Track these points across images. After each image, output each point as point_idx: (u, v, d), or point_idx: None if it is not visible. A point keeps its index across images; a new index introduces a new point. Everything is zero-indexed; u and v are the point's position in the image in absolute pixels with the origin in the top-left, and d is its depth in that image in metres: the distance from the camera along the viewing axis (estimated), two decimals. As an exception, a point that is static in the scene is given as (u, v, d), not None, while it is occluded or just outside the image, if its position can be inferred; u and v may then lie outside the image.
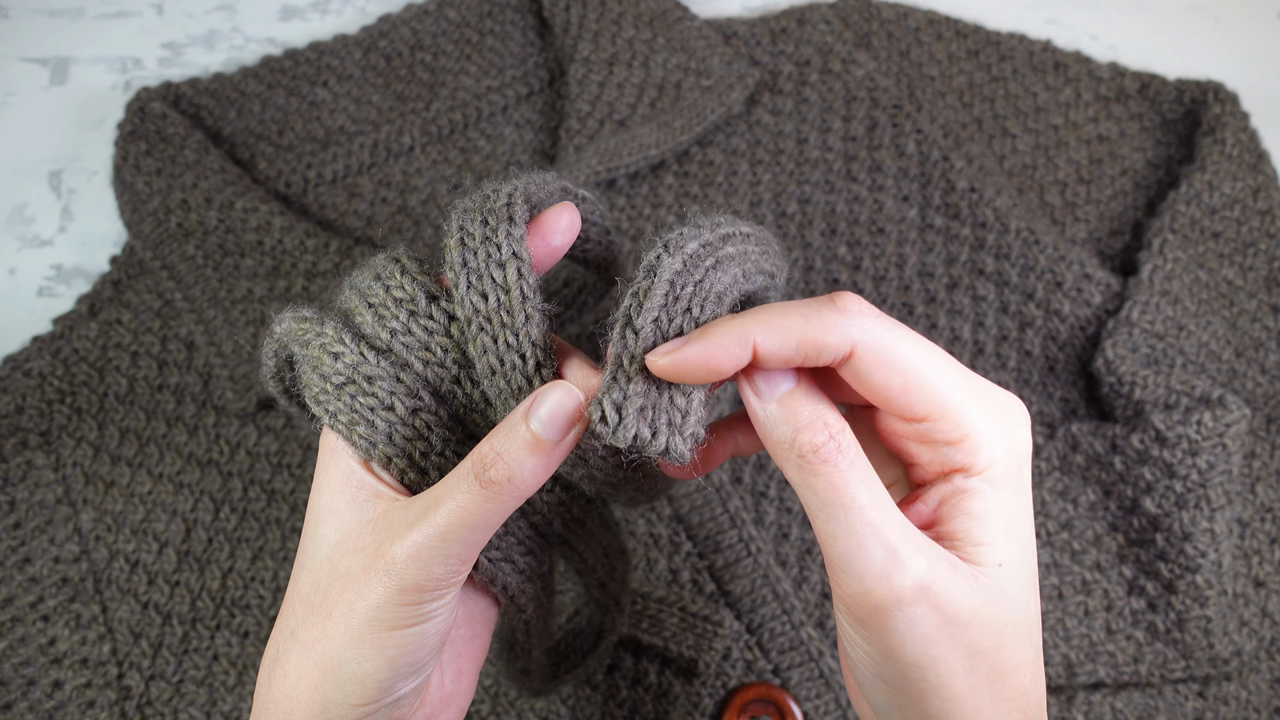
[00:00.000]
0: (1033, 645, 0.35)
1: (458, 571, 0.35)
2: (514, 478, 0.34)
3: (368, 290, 0.38)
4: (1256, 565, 0.62)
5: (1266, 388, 0.67)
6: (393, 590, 0.34)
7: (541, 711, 0.59)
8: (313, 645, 0.36)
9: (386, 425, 0.37)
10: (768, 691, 0.59)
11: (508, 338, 0.36)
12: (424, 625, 0.35)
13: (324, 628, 0.36)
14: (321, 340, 0.38)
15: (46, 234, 0.73)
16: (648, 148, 0.69)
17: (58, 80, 0.78)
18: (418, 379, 0.37)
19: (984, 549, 0.34)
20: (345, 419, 0.37)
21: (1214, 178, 0.69)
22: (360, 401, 0.37)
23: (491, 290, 0.37)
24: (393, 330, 0.37)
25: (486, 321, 0.37)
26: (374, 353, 0.37)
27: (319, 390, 0.37)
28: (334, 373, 0.37)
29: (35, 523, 0.63)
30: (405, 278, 0.38)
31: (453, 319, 0.38)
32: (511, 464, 0.34)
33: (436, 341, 0.37)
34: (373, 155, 0.74)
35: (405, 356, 0.37)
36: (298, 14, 0.81)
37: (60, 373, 0.66)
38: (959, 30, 0.77)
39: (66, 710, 0.59)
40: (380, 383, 0.37)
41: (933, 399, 0.34)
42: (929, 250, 0.69)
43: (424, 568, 0.34)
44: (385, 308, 0.38)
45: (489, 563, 0.39)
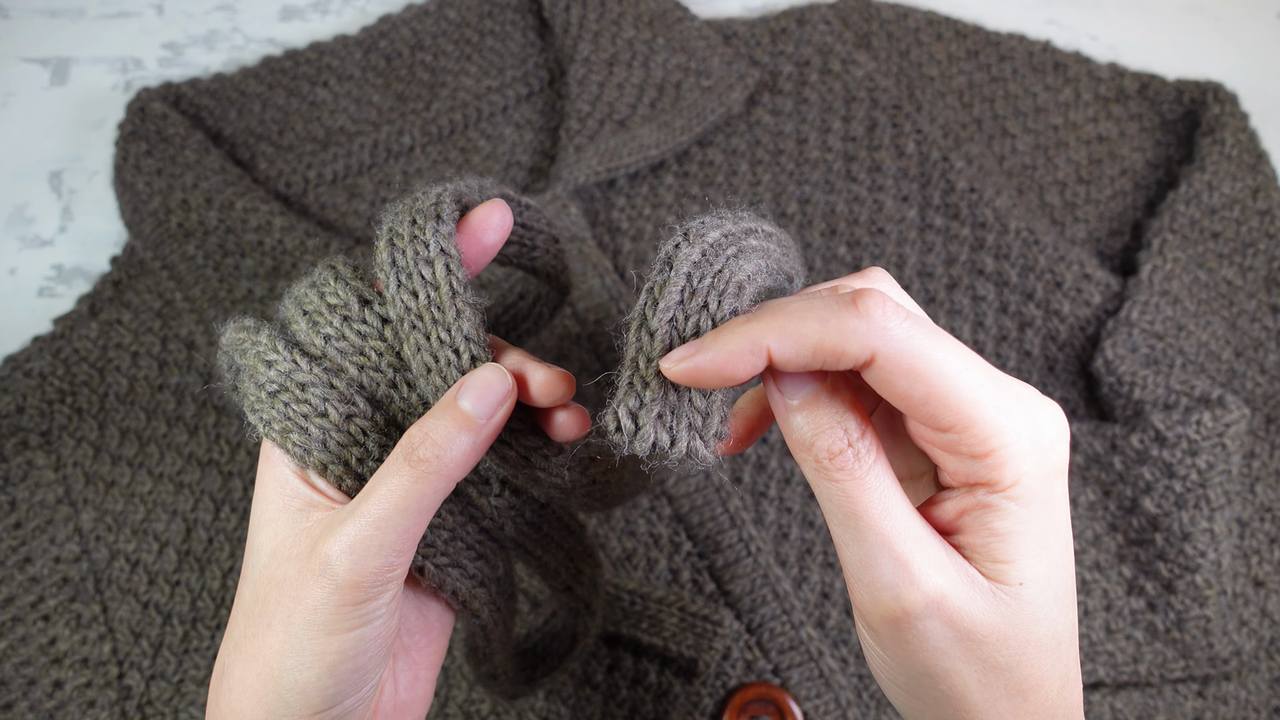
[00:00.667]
0: (1061, 660, 0.34)
1: (393, 565, 0.34)
2: (441, 455, 0.34)
3: (303, 298, 0.38)
4: (1256, 565, 0.62)
5: (1266, 388, 0.67)
6: (328, 590, 0.34)
7: (542, 711, 0.59)
8: (254, 656, 0.35)
9: (320, 432, 0.36)
10: (768, 691, 0.59)
11: (440, 334, 0.36)
12: (364, 629, 0.35)
13: (264, 638, 0.35)
14: (256, 349, 0.38)
15: (47, 234, 0.74)
16: (648, 148, 0.69)
17: (58, 80, 0.78)
18: (352, 384, 0.37)
19: (1005, 567, 0.33)
20: (279, 427, 0.37)
21: (1214, 178, 0.69)
22: (294, 409, 0.36)
23: (421, 288, 0.37)
24: (326, 336, 0.37)
25: (418, 319, 0.37)
26: (307, 360, 0.37)
27: (254, 399, 0.37)
28: (268, 380, 0.37)
29: (35, 523, 0.63)
30: (339, 284, 0.38)
31: (386, 322, 0.37)
32: (439, 442, 0.34)
33: (370, 345, 0.37)
34: (373, 155, 0.74)
35: (340, 362, 0.37)
36: (298, 14, 0.81)
37: (60, 373, 0.66)
38: (959, 30, 0.77)
39: (66, 710, 0.59)
40: (313, 389, 0.36)
41: (958, 410, 0.32)
42: (929, 250, 0.69)
43: (358, 561, 0.34)
44: (319, 314, 0.38)
45: (436, 569, 0.39)
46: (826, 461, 0.32)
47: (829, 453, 0.32)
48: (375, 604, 0.35)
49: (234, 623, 0.37)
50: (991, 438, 0.32)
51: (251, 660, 0.35)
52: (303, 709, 0.35)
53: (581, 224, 0.67)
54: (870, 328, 0.31)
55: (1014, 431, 0.32)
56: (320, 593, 0.34)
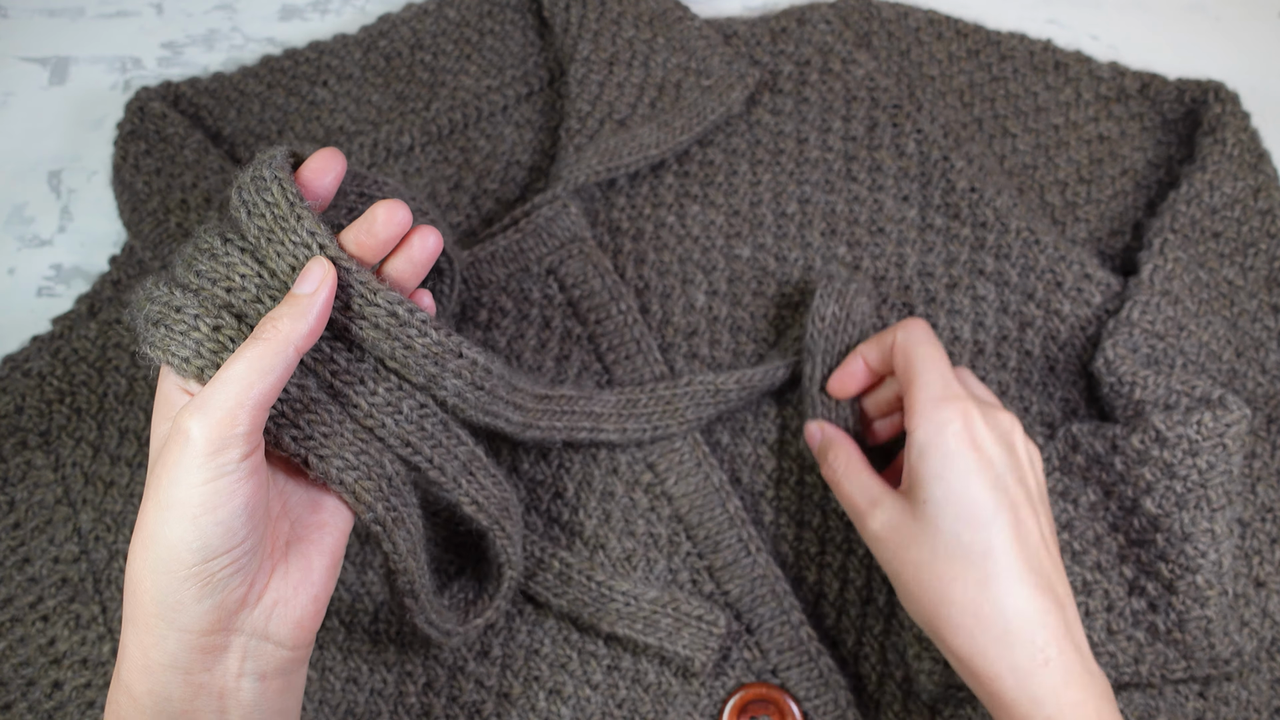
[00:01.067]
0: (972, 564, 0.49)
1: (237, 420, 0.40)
2: (278, 326, 0.42)
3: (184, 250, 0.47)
4: (1257, 565, 0.62)
5: (1267, 388, 0.67)
6: (181, 445, 0.40)
7: (543, 712, 0.59)
8: (138, 527, 0.42)
9: (194, 344, 0.44)
10: (768, 691, 0.59)
11: (290, 237, 0.45)
12: (218, 481, 0.40)
13: (145, 506, 0.41)
14: (144, 291, 0.46)
15: (46, 234, 0.73)
16: (648, 148, 0.69)
17: (57, 80, 0.78)
18: (219, 304, 0.45)
19: (916, 490, 0.52)
20: (161, 345, 0.44)
21: (1214, 178, 0.69)
22: (173, 329, 0.44)
23: (265, 209, 0.45)
24: (198, 271, 0.45)
25: (270, 234, 0.45)
26: (180, 289, 0.45)
27: (143, 332, 0.45)
28: (151, 312, 0.45)
29: (35, 523, 0.63)
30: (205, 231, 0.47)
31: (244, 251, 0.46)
32: (275, 317, 0.43)
33: (236, 271, 0.45)
34: (373, 155, 0.74)
35: (212, 290, 0.45)
36: (298, 14, 0.81)
37: (60, 373, 0.66)
38: (959, 30, 0.77)
39: (66, 710, 0.59)
40: (186, 310, 0.44)
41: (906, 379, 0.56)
42: (929, 250, 0.69)
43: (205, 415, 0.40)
44: (194, 257, 0.46)
45: (319, 459, 0.45)
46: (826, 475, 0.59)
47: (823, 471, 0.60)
48: (225, 457, 0.40)
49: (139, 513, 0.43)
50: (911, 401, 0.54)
51: (137, 531, 0.42)
52: (176, 564, 0.40)
53: (581, 224, 0.67)
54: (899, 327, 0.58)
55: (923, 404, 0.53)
56: (176, 450, 0.40)
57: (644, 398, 0.63)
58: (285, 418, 0.45)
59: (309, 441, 0.45)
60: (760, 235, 0.70)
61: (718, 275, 0.69)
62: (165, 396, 0.45)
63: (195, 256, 0.46)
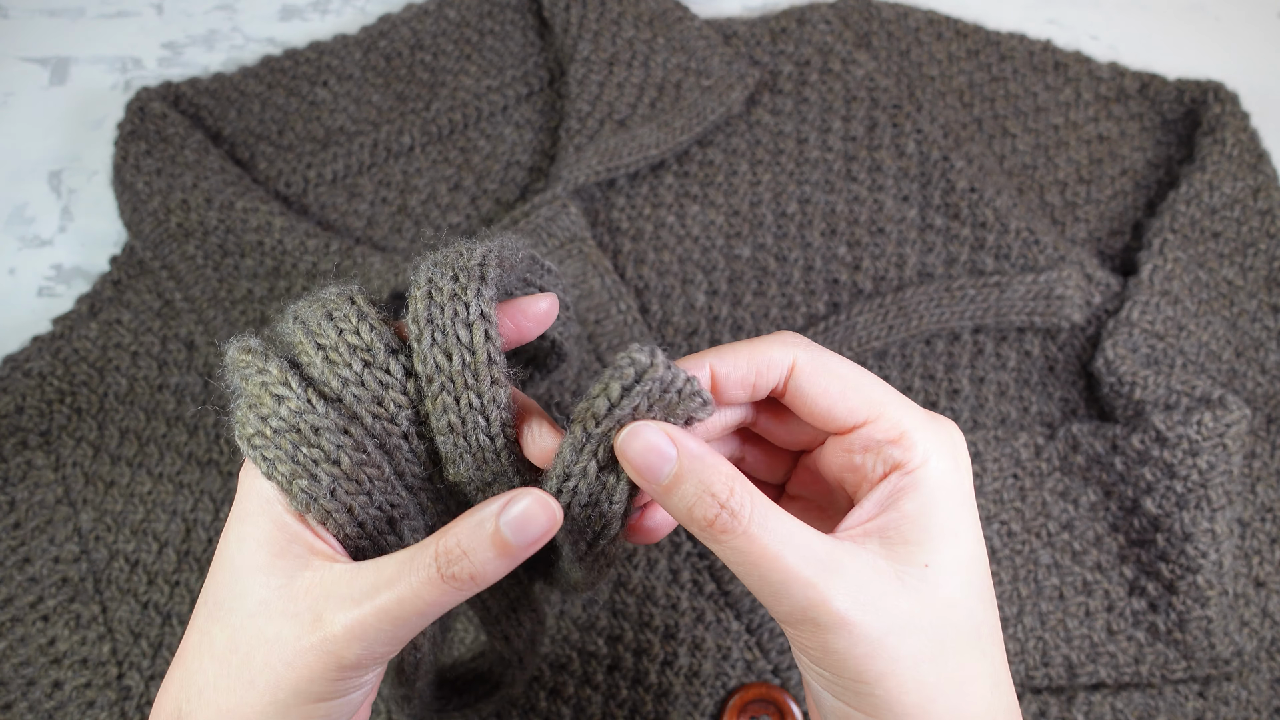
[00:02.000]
0: (986, 655, 0.35)
1: (397, 650, 0.34)
2: (477, 576, 0.34)
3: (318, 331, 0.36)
4: (1257, 565, 0.62)
5: (1266, 388, 0.67)
6: (329, 666, 0.33)
7: (544, 710, 0.59)
8: (229, 712, 0.34)
9: (329, 479, 0.34)
10: (768, 691, 0.59)
11: (470, 399, 0.35)
12: (347, 698, 0.35)
13: (244, 694, 0.34)
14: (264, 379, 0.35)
15: (46, 234, 0.73)
16: (648, 148, 0.69)
17: (58, 80, 0.78)
18: (364, 432, 0.35)
19: (913, 549, 0.34)
20: (285, 469, 0.34)
21: (1214, 178, 0.69)
22: (303, 452, 0.34)
23: (456, 350, 0.35)
24: (344, 380, 0.35)
25: (449, 381, 0.35)
26: (322, 401, 0.35)
27: (254, 433, 0.35)
28: (273, 416, 0.35)
29: (35, 523, 0.63)
30: (363, 324, 0.36)
31: (410, 375, 0.36)
32: (477, 564, 0.34)
33: (390, 397, 0.36)
34: (373, 155, 0.74)
35: (355, 409, 0.35)
36: (298, 14, 0.81)
37: (60, 373, 0.66)
38: (959, 30, 0.77)
39: (66, 710, 0.59)
40: (327, 434, 0.34)
41: (870, 400, 0.36)
42: (929, 250, 0.69)
43: (368, 646, 0.33)
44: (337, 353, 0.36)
45: None
46: (707, 528, 0.34)
47: (705, 520, 0.34)
48: (364, 678, 0.35)
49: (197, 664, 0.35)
50: (902, 420, 0.36)
51: (225, 716, 0.34)
52: None
53: (581, 224, 0.67)
54: (789, 341, 0.37)
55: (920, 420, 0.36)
56: (319, 666, 0.33)
57: None
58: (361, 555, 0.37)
59: None
60: (760, 235, 0.70)
61: (718, 275, 0.69)
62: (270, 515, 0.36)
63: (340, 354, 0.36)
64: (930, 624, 0.34)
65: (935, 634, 0.34)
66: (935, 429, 0.36)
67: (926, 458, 0.35)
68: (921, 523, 0.35)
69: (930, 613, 0.34)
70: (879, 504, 0.36)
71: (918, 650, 0.33)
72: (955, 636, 0.34)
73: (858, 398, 0.36)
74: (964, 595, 0.35)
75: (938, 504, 0.35)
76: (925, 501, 0.35)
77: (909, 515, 0.35)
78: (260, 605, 0.34)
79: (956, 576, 0.34)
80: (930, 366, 0.67)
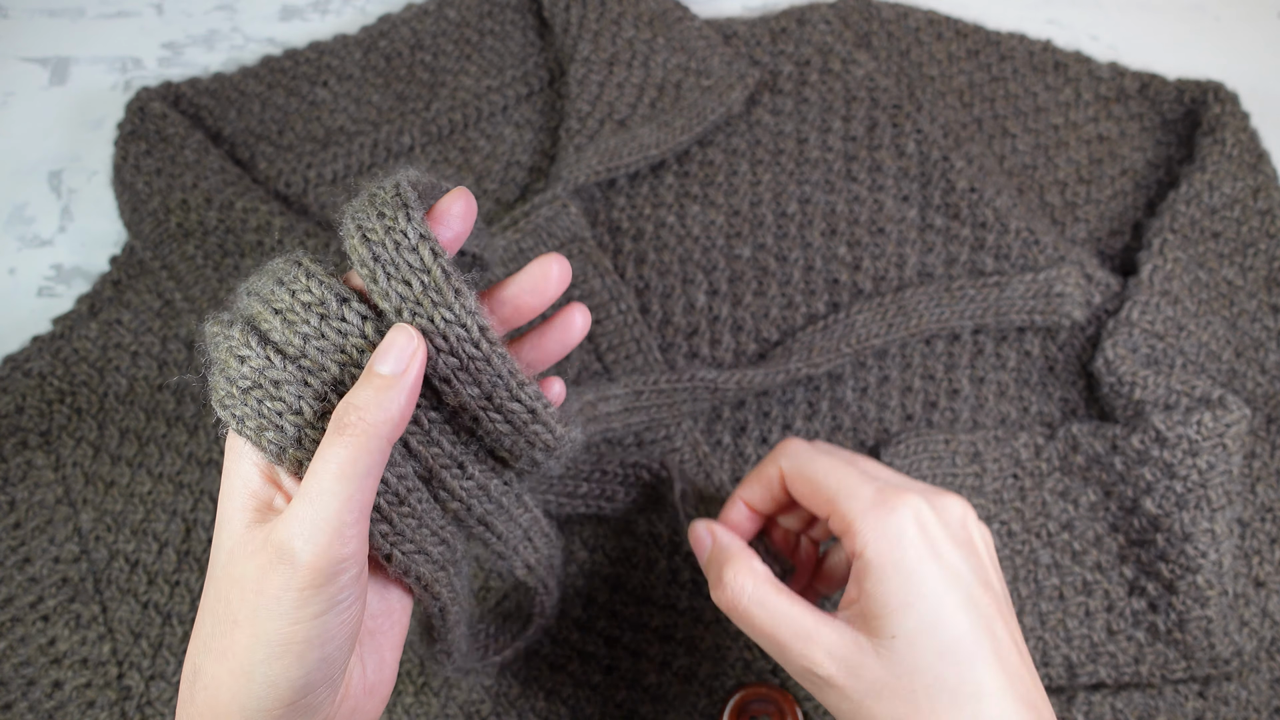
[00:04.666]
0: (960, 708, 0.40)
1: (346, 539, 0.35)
2: (365, 416, 0.35)
3: (271, 296, 0.37)
4: (1257, 565, 0.62)
5: (1266, 388, 0.67)
6: (287, 576, 0.35)
7: (542, 712, 0.59)
8: (224, 653, 0.36)
9: (294, 429, 0.36)
10: (768, 692, 0.59)
11: (443, 314, 0.37)
12: (328, 615, 0.35)
13: (232, 635, 0.36)
14: (229, 344, 0.37)
15: (46, 234, 0.73)
16: (648, 148, 0.69)
17: (58, 80, 0.78)
18: (327, 382, 0.37)
19: (879, 622, 0.42)
20: (253, 424, 0.36)
21: (1214, 178, 0.69)
22: (267, 406, 0.36)
23: (412, 275, 0.37)
24: (305, 335, 0.37)
25: (417, 305, 0.37)
26: (281, 357, 0.37)
27: (224, 394, 0.37)
28: (240, 376, 0.37)
29: (35, 523, 0.63)
30: (312, 281, 0.37)
31: (365, 318, 0.37)
32: (361, 405, 0.35)
33: (351, 342, 0.37)
34: (373, 155, 0.74)
35: (321, 360, 0.37)
36: (298, 14, 0.81)
37: (60, 373, 0.66)
38: (959, 30, 0.77)
39: (66, 710, 0.59)
40: (287, 387, 0.36)
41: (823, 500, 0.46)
42: (929, 250, 0.69)
43: (310, 538, 0.34)
44: (293, 312, 0.37)
45: (403, 555, 0.40)
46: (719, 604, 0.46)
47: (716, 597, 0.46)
48: (336, 587, 0.35)
49: (200, 622, 0.38)
50: (847, 513, 0.44)
51: (222, 657, 0.36)
52: (274, 701, 0.36)
53: (581, 224, 0.67)
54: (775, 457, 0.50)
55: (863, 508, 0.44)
56: (280, 580, 0.35)
57: (646, 390, 0.63)
58: (379, 513, 0.39)
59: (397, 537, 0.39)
60: (760, 235, 0.70)
61: (718, 275, 0.69)
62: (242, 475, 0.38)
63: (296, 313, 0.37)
64: (903, 688, 0.40)
65: (908, 695, 0.40)
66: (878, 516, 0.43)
67: (865, 545, 0.43)
68: (880, 600, 0.42)
69: (901, 678, 0.41)
70: (854, 583, 0.44)
71: (891, 711, 0.40)
72: (927, 696, 0.40)
73: (817, 498, 0.46)
74: (928, 659, 0.41)
75: (886, 581, 0.42)
76: (876, 581, 0.42)
77: (870, 594, 0.42)
78: (229, 554, 0.37)
79: (917, 644, 0.41)
80: (930, 366, 0.67)
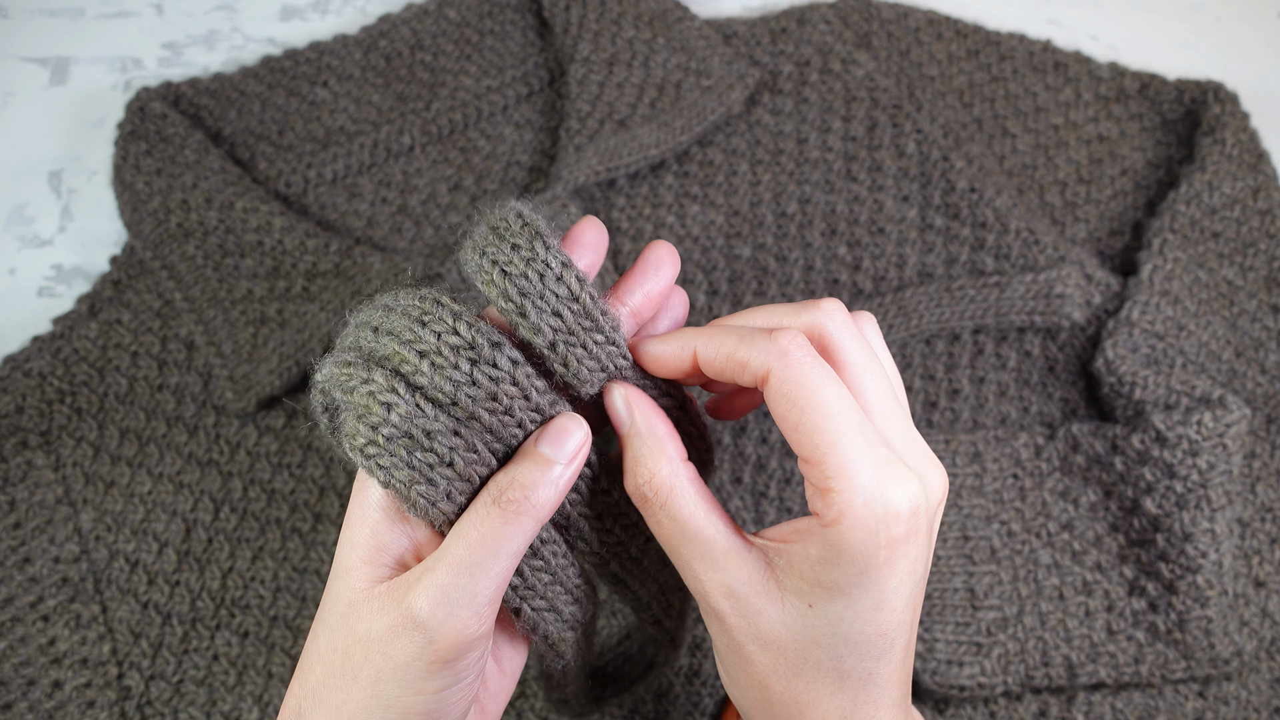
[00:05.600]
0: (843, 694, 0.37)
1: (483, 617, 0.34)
2: (529, 495, 0.34)
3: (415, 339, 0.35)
4: (1257, 565, 0.62)
5: (1266, 388, 0.67)
6: (420, 646, 0.34)
7: (542, 712, 0.59)
8: (338, 708, 0.35)
9: (445, 483, 0.35)
10: (768, 692, 0.59)
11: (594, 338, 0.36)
12: (450, 691, 0.35)
13: (349, 691, 0.35)
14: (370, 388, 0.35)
15: (46, 234, 0.73)
16: (648, 148, 0.69)
17: (58, 80, 0.78)
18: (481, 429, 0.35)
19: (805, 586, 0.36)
20: (403, 475, 0.34)
21: (1214, 178, 0.69)
22: (418, 458, 0.34)
23: (562, 306, 0.36)
24: (456, 382, 0.35)
25: (570, 336, 0.36)
26: (431, 405, 0.35)
27: (366, 442, 0.35)
28: (384, 423, 0.34)
29: (35, 523, 0.63)
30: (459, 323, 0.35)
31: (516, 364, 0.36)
32: (525, 484, 0.34)
33: (503, 390, 0.35)
34: (373, 155, 0.74)
35: (471, 409, 0.35)
36: (298, 14, 0.81)
37: (60, 373, 0.66)
38: (959, 30, 0.77)
39: (66, 710, 0.59)
40: (440, 437, 0.35)
41: (815, 444, 0.34)
42: (929, 250, 0.69)
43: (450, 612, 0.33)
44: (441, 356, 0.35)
45: (533, 612, 0.38)
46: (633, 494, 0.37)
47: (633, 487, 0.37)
48: (465, 662, 0.34)
49: (309, 666, 0.37)
50: (833, 479, 0.34)
51: (335, 711, 0.35)
52: None
53: (581, 224, 0.67)
54: (773, 351, 0.35)
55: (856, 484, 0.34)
56: (411, 649, 0.34)
57: None
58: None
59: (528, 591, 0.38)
60: (760, 235, 0.70)
61: (718, 275, 0.69)
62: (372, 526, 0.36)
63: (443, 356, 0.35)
64: (793, 650, 0.36)
65: (794, 659, 0.36)
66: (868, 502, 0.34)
67: (840, 530, 0.34)
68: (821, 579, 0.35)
69: (792, 643, 0.36)
70: (797, 533, 0.36)
71: (771, 666, 0.37)
72: (814, 670, 0.36)
73: (805, 436, 0.35)
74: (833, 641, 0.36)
75: (842, 570, 0.35)
76: (831, 565, 0.35)
77: (811, 559, 0.35)
78: (349, 606, 0.35)
79: (835, 628, 0.36)
80: (930, 366, 0.67)
